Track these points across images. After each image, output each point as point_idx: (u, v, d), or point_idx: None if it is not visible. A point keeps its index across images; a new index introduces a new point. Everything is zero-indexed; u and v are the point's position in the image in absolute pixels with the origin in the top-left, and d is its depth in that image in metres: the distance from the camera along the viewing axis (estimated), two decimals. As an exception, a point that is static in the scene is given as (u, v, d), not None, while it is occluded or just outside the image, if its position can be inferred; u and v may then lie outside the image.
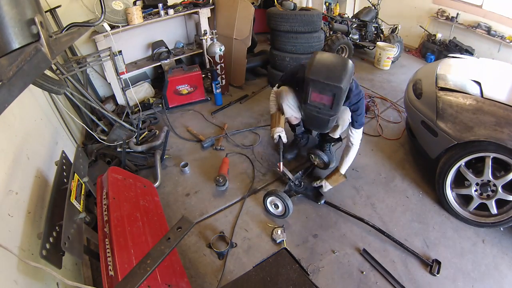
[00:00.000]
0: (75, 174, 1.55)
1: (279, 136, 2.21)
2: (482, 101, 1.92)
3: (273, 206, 2.10)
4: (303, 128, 2.53)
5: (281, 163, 2.16)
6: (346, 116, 2.13)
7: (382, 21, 4.92)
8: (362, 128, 2.14)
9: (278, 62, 3.63)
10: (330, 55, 1.85)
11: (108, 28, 2.89)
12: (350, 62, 1.76)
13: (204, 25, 3.60)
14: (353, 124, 2.11)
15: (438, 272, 1.77)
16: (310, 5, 4.88)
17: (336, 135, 2.40)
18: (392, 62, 4.47)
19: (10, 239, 1.16)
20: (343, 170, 2.19)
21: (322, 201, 2.16)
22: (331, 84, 1.70)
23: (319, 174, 2.47)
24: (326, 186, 2.23)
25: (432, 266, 1.80)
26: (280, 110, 2.28)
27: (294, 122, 2.38)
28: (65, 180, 1.61)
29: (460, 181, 2.07)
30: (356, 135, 2.13)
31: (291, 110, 2.24)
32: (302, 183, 2.28)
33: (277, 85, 2.35)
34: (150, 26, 3.43)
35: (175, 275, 1.50)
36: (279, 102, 2.27)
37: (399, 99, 3.54)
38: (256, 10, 3.59)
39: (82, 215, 1.46)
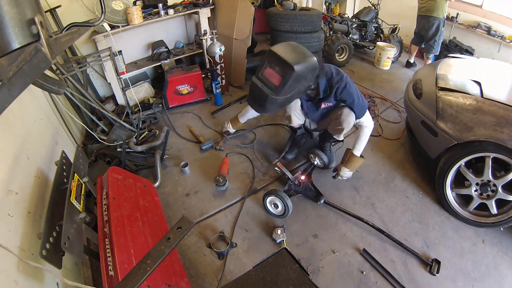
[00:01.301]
0: (75, 174, 1.56)
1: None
2: (482, 101, 1.91)
3: (272, 205, 2.10)
4: (303, 131, 2.57)
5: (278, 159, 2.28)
6: (350, 119, 2.11)
7: (382, 21, 4.92)
8: (368, 112, 2.14)
9: (278, 62, 3.62)
10: (299, 45, 1.81)
11: (108, 28, 2.89)
12: (315, 58, 1.72)
13: (204, 25, 3.60)
14: (356, 113, 2.09)
15: (437, 272, 1.77)
16: (310, 5, 4.88)
17: (341, 137, 2.35)
18: (392, 62, 4.47)
19: (10, 239, 1.16)
20: (357, 152, 2.17)
21: (322, 201, 2.16)
22: (285, 61, 1.65)
23: (319, 174, 2.47)
24: (344, 171, 2.20)
25: (431, 265, 1.80)
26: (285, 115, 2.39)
27: (296, 127, 2.46)
28: (65, 180, 1.61)
29: (460, 181, 2.07)
30: (366, 119, 2.14)
31: (298, 120, 2.37)
32: (302, 183, 2.27)
33: None
34: (150, 26, 3.43)
35: (175, 275, 1.50)
36: (285, 110, 2.33)
37: (399, 99, 3.54)
38: (256, 10, 3.58)
39: (82, 215, 1.46)
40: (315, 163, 2.44)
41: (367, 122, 2.16)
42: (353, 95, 2.04)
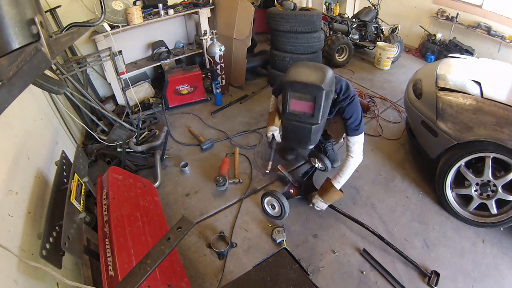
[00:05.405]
0: (75, 174, 1.55)
1: (273, 135, 2.13)
2: (482, 101, 1.91)
3: (270, 206, 2.10)
4: None
5: (271, 162, 2.15)
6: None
7: (382, 21, 4.92)
8: (362, 135, 1.88)
9: (278, 62, 3.62)
10: (308, 63, 1.76)
11: (108, 28, 2.89)
12: (330, 68, 1.68)
13: (204, 25, 3.60)
14: (347, 131, 1.87)
15: (436, 284, 1.70)
16: (310, 5, 4.87)
17: (340, 140, 2.33)
18: (392, 62, 4.46)
19: (10, 239, 1.16)
20: (337, 185, 1.93)
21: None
22: (310, 84, 1.58)
23: (319, 175, 2.46)
24: (317, 200, 2.01)
25: (430, 277, 1.73)
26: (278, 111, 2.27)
27: None
28: (65, 180, 1.61)
29: (460, 181, 2.07)
30: (356, 144, 1.88)
31: None
32: (302, 185, 2.26)
33: (273, 95, 2.29)
34: (150, 26, 3.43)
35: (175, 275, 1.50)
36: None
37: (399, 99, 3.54)
38: (256, 10, 3.58)
39: (82, 215, 1.46)
40: (317, 166, 2.42)
41: (357, 152, 1.88)
42: (358, 114, 1.84)
